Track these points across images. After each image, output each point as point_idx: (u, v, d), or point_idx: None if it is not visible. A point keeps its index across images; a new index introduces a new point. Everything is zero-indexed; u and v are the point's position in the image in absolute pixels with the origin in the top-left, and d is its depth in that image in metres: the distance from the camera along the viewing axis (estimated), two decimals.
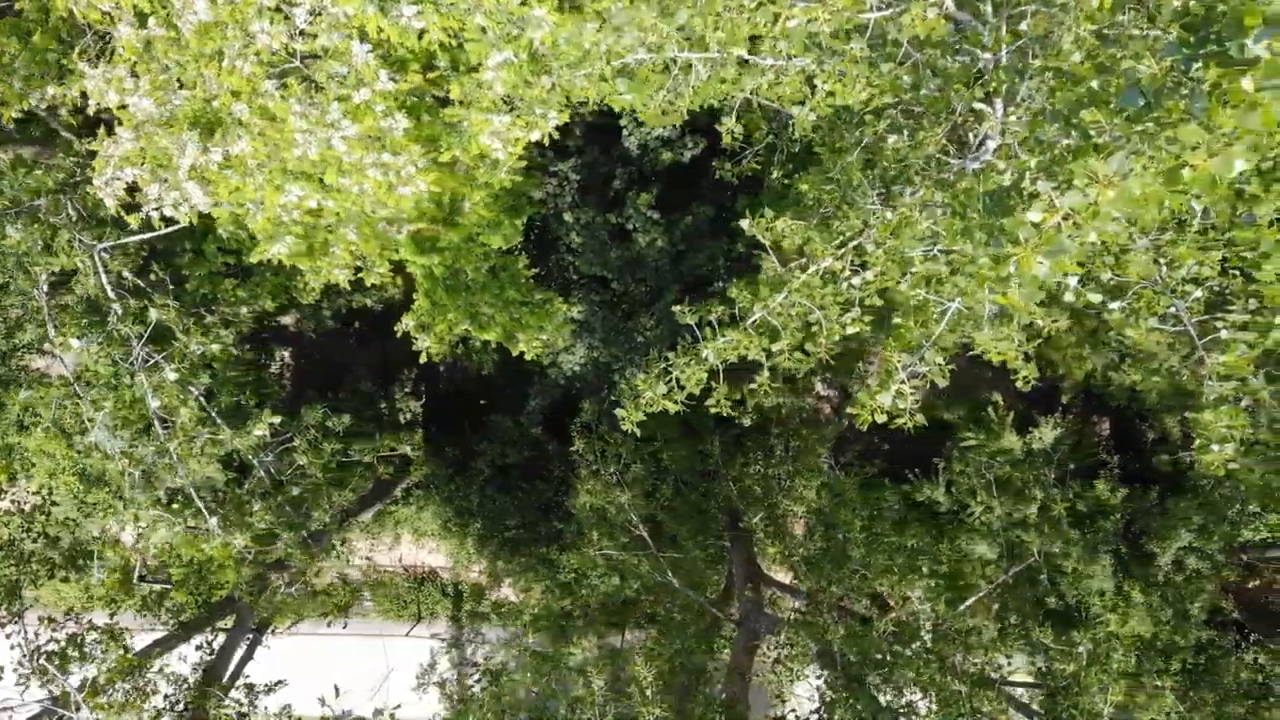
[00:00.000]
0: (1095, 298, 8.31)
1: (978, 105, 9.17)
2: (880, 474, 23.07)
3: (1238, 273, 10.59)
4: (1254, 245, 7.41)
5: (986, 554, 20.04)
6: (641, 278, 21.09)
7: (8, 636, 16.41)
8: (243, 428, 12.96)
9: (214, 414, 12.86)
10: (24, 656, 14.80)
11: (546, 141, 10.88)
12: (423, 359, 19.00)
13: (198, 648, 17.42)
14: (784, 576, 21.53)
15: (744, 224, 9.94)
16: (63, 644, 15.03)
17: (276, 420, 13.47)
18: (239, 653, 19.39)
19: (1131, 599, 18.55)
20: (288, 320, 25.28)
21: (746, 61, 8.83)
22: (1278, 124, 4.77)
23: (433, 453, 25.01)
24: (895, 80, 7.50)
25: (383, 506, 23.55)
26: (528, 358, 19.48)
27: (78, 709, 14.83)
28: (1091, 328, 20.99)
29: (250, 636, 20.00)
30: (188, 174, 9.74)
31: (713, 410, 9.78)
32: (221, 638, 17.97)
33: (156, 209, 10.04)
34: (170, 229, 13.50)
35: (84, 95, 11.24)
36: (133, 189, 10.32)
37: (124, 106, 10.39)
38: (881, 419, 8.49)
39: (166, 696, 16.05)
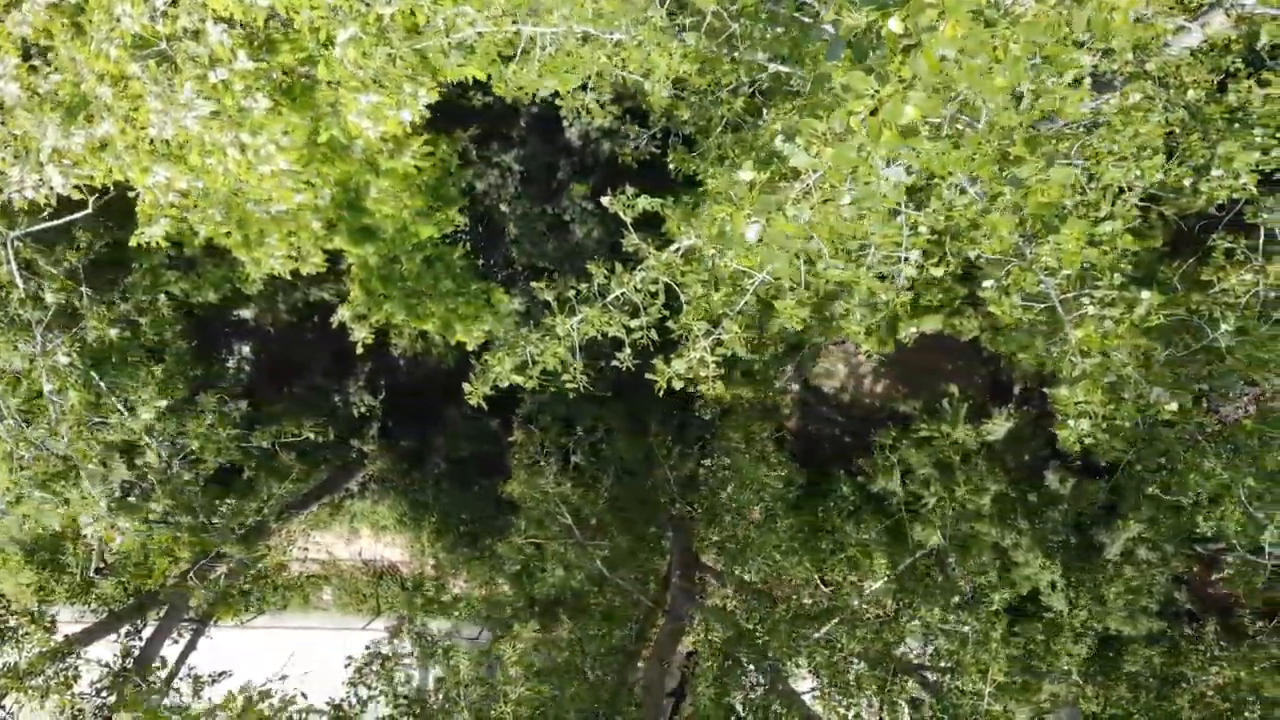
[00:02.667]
0: (910, 270, 8.12)
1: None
2: (840, 466, 23.01)
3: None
4: (1046, 210, 7.31)
5: (938, 541, 19.95)
6: (581, 268, 21.05)
7: None
8: (133, 412, 13.08)
9: (114, 398, 12.96)
10: None
11: (419, 121, 10.91)
12: (359, 350, 19.06)
13: (126, 635, 17.56)
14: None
15: (604, 200, 9.92)
16: None
17: (163, 404, 13.57)
18: (180, 644, 19.47)
19: (1081, 589, 18.37)
20: (247, 314, 25.38)
21: (588, 36, 8.82)
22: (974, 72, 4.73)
23: (390, 446, 25.06)
24: (706, 53, 7.45)
25: (334, 499, 23.61)
26: (469, 348, 19.49)
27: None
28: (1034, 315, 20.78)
29: (194, 628, 20.09)
30: (49, 157, 9.83)
31: (569, 388, 9.76)
32: (151, 627, 18.08)
33: (19, 192, 10.14)
34: (80, 214, 13.66)
35: None
36: None
37: None
38: (679, 385, 8.46)
39: (93, 683, 16.17)
